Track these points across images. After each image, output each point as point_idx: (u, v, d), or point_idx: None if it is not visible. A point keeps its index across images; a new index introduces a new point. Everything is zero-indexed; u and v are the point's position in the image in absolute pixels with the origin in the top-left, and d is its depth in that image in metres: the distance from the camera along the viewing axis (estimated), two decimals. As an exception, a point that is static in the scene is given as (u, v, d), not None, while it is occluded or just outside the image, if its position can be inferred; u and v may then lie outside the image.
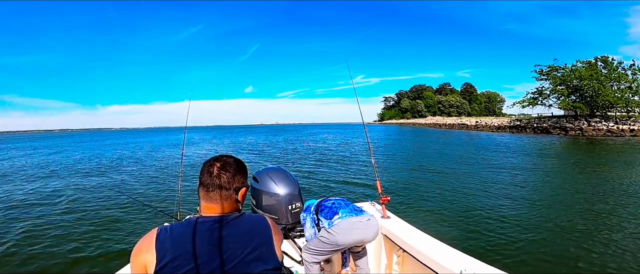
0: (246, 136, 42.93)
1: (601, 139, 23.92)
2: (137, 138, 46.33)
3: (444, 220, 5.13)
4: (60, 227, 5.25)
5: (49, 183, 9.61)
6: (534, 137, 26.17)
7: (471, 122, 48.93)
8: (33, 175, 11.52)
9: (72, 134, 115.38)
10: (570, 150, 17.14)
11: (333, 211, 2.06)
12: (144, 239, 0.93)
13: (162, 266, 0.86)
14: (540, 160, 12.66)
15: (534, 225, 4.79)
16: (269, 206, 2.44)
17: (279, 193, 2.43)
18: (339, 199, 2.20)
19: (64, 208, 6.55)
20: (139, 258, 0.91)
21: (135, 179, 10.14)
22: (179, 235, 0.91)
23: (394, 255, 2.35)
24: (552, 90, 34.83)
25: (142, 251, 0.90)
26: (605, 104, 30.50)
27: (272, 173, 2.54)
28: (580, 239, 4.22)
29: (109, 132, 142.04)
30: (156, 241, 0.90)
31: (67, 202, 7.06)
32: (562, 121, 31.90)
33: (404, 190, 7.33)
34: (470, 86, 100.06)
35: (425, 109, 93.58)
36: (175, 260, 0.87)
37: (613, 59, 32.08)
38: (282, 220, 2.44)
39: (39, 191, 8.38)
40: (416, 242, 2.07)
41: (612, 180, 8.15)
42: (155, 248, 0.89)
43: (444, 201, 6.29)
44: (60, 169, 12.99)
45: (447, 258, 1.82)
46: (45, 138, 61.09)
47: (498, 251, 3.93)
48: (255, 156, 17.53)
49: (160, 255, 0.87)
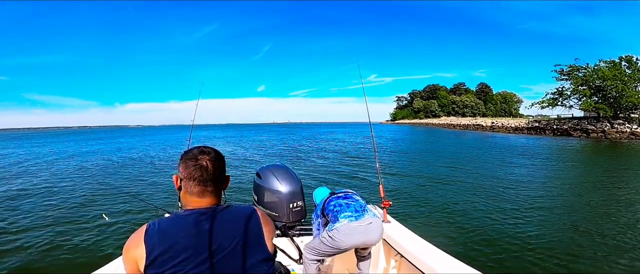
0: (257, 134, 43.34)
1: (625, 142, 22.89)
2: (155, 136, 47.60)
3: (446, 228, 4.93)
4: (54, 219, 5.44)
5: (48, 178, 9.98)
6: (553, 140, 25.27)
7: (487, 123, 47.58)
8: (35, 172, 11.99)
9: (91, 130, 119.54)
10: (593, 153, 16.46)
11: (334, 215, 2.07)
12: (134, 235, 0.93)
13: (151, 260, 0.87)
14: (560, 164, 12.21)
15: (542, 238, 4.47)
16: (271, 203, 2.45)
17: (281, 191, 2.43)
18: (343, 197, 2.19)
19: (63, 203, 6.77)
20: (129, 253, 0.91)
21: (138, 175, 10.40)
22: (167, 228, 0.91)
23: (392, 260, 2.34)
24: (573, 90, 33.54)
25: (132, 247, 0.91)
26: (629, 105, 29.13)
27: (275, 170, 2.54)
28: (589, 245, 4.03)
29: (127, 129, 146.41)
30: (145, 236, 0.90)
31: (66, 196, 7.32)
32: (584, 123, 30.68)
33: (407, 194, 7.16)
34: (485, 86, 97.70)
35: (438, 109, 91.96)
36: (164, 253, 0.87)
37: (637, 59, 30.61)
38: (283, 218, 2.44)
39: (38, 186, 8.71)
40: (415, 248, 2.07)
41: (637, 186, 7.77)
42: (144, 242, 0.89)
43: (448, 208, 6.03)
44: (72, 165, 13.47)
45: (444, 265, 1.82)
46: (62, 135, 63.32)
47: (501, 262, 3.76)
48: (258, 153, 17.68)
49: (149, 249, 0.88)
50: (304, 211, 2.54)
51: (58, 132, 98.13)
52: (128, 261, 0.92)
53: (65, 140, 37.45)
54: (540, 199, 6.51)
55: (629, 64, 30.74)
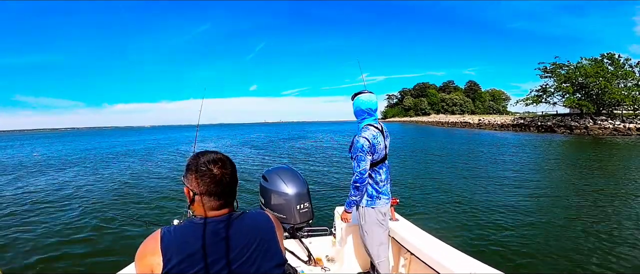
0: (248, 134, 43.04)
1: (607, 138, 23.64)
2: (140, 136, 46.64)
3: (450, 222, 5.08)
4: (60, 223, 5.37)
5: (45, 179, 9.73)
6: (538, 136, 25.96)
7: (474, 120, 48.48)
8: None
9: (78, 132, 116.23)
10: (576, 149, 16.98)
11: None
12: (147, 242, 0.92)
13: (169, 268, 0.86)
14: (545, 160, 12.59)
15: (543, 228, 4.72)
16: (278, 205, 2.48)
17: (288, 193, 2.46)
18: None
19: (66, 206, 6.65)
20: (144, 260, 0.90)
21: (142, 179, 10.24)
22: (184, 236, 0.91)
23: (402, 257, 2.36)
24: (556, 88, 34.48)
25: (147, 254, 0.90)
26: (612, 102, 30.05)
27: (281, 173, 2.58)
28: (590, 241, 4.16)
29: (114, 130, 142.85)
30: (161, 244, 0.89)
31: (69, 200, 7.17)
32: (567, 120, 31.54)
33: (410, 191, 7.29)
34: (474, 84, 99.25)
35: (428, 107, 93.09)
36: (181, 263, 0.87)
37: (619, 56, 31.50)
38: (291, 220, 2.48)
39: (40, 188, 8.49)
40: (424, 245, 2.08)
41: (617, 180, 8.10)
42: (160, 250, 0.88)
43: (450, 202, 6.22)
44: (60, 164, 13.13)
45: (454, 261, 1.83)
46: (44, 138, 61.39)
47: (504, 254, 3.89)
48: (255, 153, 17.61)
49: (167, 258, 0.87)
50: (311, 212, 2.56)
51: (47, 134, 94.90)
52: (142, 267, 0.90)
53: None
54: (537, 196, 6.72)
55: (611, 61, 31.66)
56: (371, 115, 2.12)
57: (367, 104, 2.11)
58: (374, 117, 2.13)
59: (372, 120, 2.11)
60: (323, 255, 2.66)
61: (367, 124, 2.08)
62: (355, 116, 2.17)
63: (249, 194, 6.94)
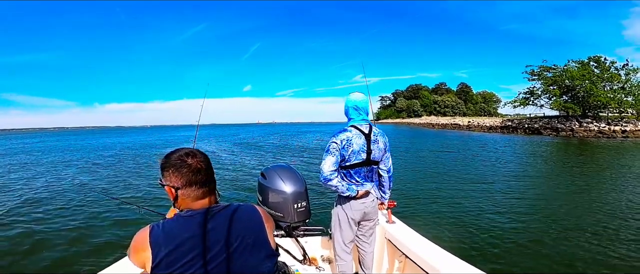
0: (240, 134, 42.75)
1: (592, 140, 24.19)
2: (131, 136, 45.82)
3: (443, 224, 5.07)
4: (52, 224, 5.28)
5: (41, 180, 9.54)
6: (525, 138, 26.43)
7: (464, 122, 49.25)
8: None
9: (68, 132, 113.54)
10: (562, 151, 17.36)
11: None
12: (137, 237, 0.94)
13: (157, 262, 0.88)
14: (533, 162, 12.87)
15: (538, 231, 4.70)
16: (275, 203, 2.49)
17: (286, 191, 2.47)
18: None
19: (58, 204, 6.55)
20: (136, 256, 0.93)
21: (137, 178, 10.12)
22: (171, 230, 0.92)
23: (396, 260, 2.36)
24: (543, 90, 35.16)
25: (138, 249, 0.92)
26: (598, 104, 30.62)
27: (279, 171, 2.59)
28: (584, 244, 4.20)
29: (107, 130, 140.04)
30: (150, 237, 0.91)
31: (59, 199, 7.06)
32: (554, 122, 32.19)
33: (404, 192, 7.30)
34: (465, 86, 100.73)
35: (421, 109, 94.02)
36: (170, 255, 0.88)
37: (605, 59, 32.19)
38: (288, 218, 2.48)
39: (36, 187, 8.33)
40: (419, 249, 2.07)
41: (602, 180, 8.35)
42: (149, 244, 0.90)
43: (443, 203, 6.22)
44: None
45: (448, 265, 1.83)
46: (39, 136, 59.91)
47: (497, 255, 3.91)
48: (250, 153, 17.53)
49: (155, 251, 0.89)
50: (308, 212, 2.57)
51: (36, 134, 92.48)
52: (135, 262, 0.94)
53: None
54: (527, 197, 6.85)
55: (597, 64, 32.33)
56: (359, 114, 2.02)
57: (351, 102, 2.03)
58: (362, 117, 2.02)
59: (359, 120, 2.01)
60: (318, 255, 2.66)
61: (351, 125, 2.00)
62: (345, 116, 2.11)
63: (246, 192, 6.92)
